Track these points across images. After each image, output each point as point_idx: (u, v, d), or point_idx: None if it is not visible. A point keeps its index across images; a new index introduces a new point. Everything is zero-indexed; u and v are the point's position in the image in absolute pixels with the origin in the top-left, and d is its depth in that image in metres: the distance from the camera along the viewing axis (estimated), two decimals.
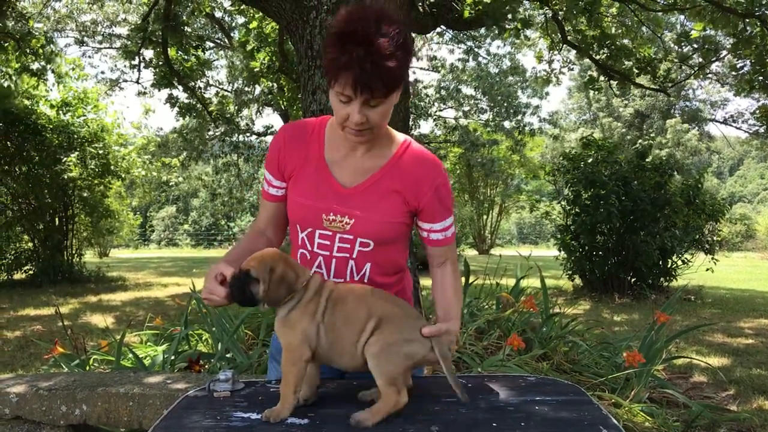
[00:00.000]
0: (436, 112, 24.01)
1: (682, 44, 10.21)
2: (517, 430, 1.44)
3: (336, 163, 1.81)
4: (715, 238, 11.51)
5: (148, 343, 4.72)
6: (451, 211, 1.90)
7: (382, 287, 1.77)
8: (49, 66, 11.60)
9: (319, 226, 1.79)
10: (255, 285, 1.58)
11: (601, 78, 10.55)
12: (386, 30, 1.56)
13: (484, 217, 30.44)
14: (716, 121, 41.52)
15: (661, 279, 10.68)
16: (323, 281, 1.66)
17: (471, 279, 5.25)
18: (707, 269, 10.78)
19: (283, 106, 14.50)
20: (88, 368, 3.91)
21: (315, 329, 1.58)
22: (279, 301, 1.58)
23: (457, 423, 1.49)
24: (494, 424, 1.48)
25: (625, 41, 10.17)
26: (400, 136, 1.86)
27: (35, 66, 11.37)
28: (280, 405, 1.54)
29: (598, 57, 9.89)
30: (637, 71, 10.00)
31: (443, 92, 23.64)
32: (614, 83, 10.65)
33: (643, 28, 10.15)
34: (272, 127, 21.42)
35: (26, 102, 12.70)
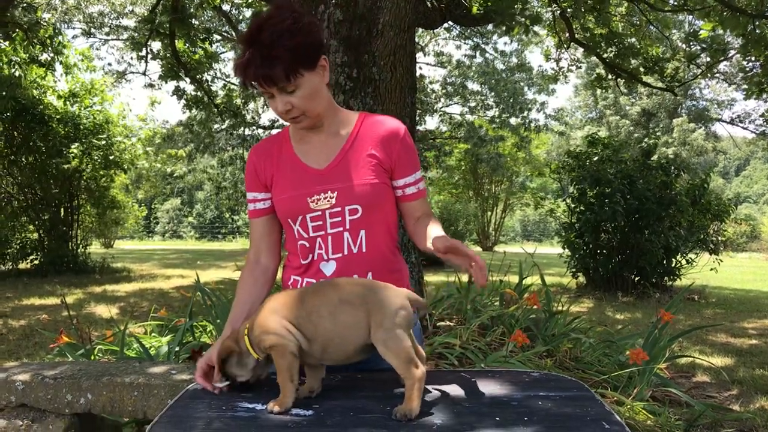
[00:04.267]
0: (441, 107, 23.97)
1: (691, 44, 10.16)
2: (521, 425, 1.44)
3: (305, 153, 1.92)
4: (719, 238, 11.47)
5: (153, 334, 4.75)
6: (419, 164, 2.00)
7: (383, 260, 1.86)
8: (57, 57, 11.62)
9: (307, 210, 1.87)
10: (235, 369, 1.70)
11: (609, 76, 10.53)
12: (271, 22, 1.70)
13: (488, 213, 30.41)
14: (723, 121, 41.37)
15: (665, 278, 10.67)
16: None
17: None
18: (711, 269, 10.76)
19: None
20: (93, 358, 3.94)
21: (281, 326, 1.59)
22: (248, 367, 1.69)
23: (459, 417, 1.49)
24: (497, 419, 1.48)
25: (633, 40, 10.15)
26: (354, 113, 1.99)
27: (44, 57, 11.39)
28: (281, 395, 1.55)
29: (605, 55, 9.86)
30: (644, 70, 9.97)
31: (449, 88, 23.59)
32: (621, 82, 10.63)
33: (651, 27, 10.11)
34: (278, 120, 21.41)
35: (34, 92, 12.73)
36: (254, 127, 21.03)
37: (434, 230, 1.83)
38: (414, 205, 1.97)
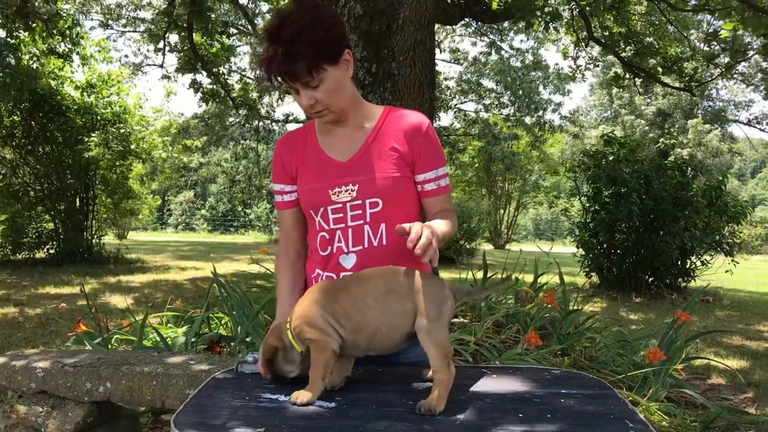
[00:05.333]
0: (456, 104, 23.91)
1: (711, 44, 10.07)
2: (544, 422, 1.44)
3: (329, 145, 1.93)
4: (735, 240, 11.38)
5: (169, 325, 4.78)
6: (443, 160, 1.97)
7: (403, 254, 1.80)
8: (75, 48, 11.69)
9: (328, 202, 1.87)
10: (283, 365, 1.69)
11: (626, 75, 10.45)
12: (292, 18, 1.70)
13: (501, 211, 30.32)
14: (740, 122, 40.99)
15: (679, 279, 10.60)
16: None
17: (489, 273, 5.26)
18: (726, 271, 10.68)
19: None
20: (109, 347, 3.97)
21: (324, 320, 1.59)
22: (295, 361, 1.68)
23: (482, 413, 1.49)
24: (520, 415, 1.48)
25: (651, 39, 10.07)
26: (380, 107, 1.99)
27: (62, 48, 11.46)
28: (308, 388, 1.55)
29: (623, 54, 9.79)
30: (662, 70, 9.90)
31: (464, 85, 23.53)
32: (638, 81, 10.55)
33: (670, 27, 10.03)
34: (292, 114, 21.45)
35: (51, 83, 12.81)
36: (268, 121, 21.06)
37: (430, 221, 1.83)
38: (432, 201, 1.96)
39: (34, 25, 9.80)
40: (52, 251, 13.39)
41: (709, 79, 12.80)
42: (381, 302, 1.58)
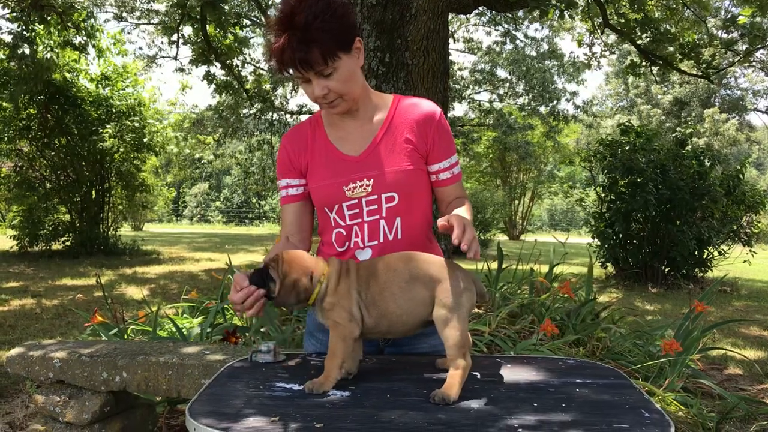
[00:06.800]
0: (470, 94, 23.79)
1: (729, 29, 9.93)
2: (559, 411, 1.43)
3: (339, 139, 1.90)
4: (753, 230, 11.26)
5: (184, 316, 4.81)
6: (455, 148, 1.97)
7: (419, 247, 1.81)
8: (90, 41, 11.75)
9: (343, 199, 1.85)
10: (272, 283, 1.61)
11: (643, 63, 10.34)
12: (305, 5, 1.66)
13: (516, 202, 30.21)
14: (758, 111, 40.52)
15: (696, 269, 10.52)
16: (347, 261, 1.68)
17: (504, 264, 5.24)
18: (744, 261, 10.58)
19: None
20: (125, 337, 4.00)
21: (357, 308, 1.59)
22: (287, 305, 1.62)
23: (496, 402, 1.49)
24: (534, 404, 1.47)
25: (668, 26, 9.94)
26: (389, 96, 1.96)
27: (77, 40, 11.53)
28: (323, 377, 1.55)
29: (640, 42, 9.68)
30: (680, 57, 9.77)
31: (478, 75, 23.40)
32: (655, 69, 10.44)
33: (687, 12, 9.90)
34: (306, 105, 21.44)
35: (67, 75, 12.89)
36: (282, 113, 21.08)
37: (455, 211, 1.81)
38: (447, 190, 1.95)
39: (48, 17, 9.85)
40: (68, 243, 13.51)
41: (727, 66, 12.62)
42: (405, 290, 1.59)
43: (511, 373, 1.73)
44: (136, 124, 13.59)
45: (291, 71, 1.73)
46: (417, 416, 1.39)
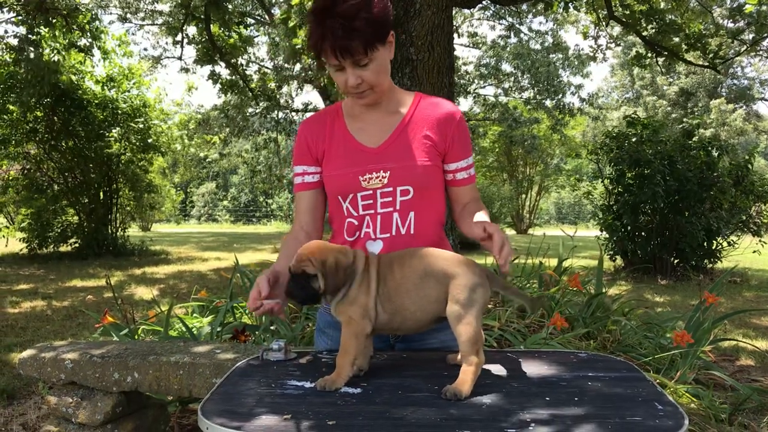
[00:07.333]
0: (475, 89, 23.74)
1: (736, 19, 9.86)
2: (571, 405, 1.42)
3: (359, 130, 1.90)
4: (762, 220, 11.20)
5: (194, 315, 4.82)
6: (471, 150, 1.98)
7: (430, 243, 1.80)
8: (95, 42, 11.78)
9: (358, 189, 1.85)
10: (314, 281, 1.60)
11: (648, 54, 10.28)
12: None
13: (523, 196, 30.16)
14: (765, 100, 40.27)
15: (706, 260, 10.47)
16: (367, 255, 1.68)
17: (513, 258, 5.22)
18: (754, 251, 10.53)
19: (323, 83, 14.50)
20: (136, 337, 4.01)
21: (373, 303, 1.59)
22: (340, 288, 1.60)
23: (508, 397, 1.48)
24: (547, 398, 1.47)
25: (673, 16, 9.88)
26: (411, 93, 1.97)
27: (82, 42, 11.56)
28: (335, 374, 1.55)
29: (645, 33, 9.63)
30: (686, 47, 9.71)
31: (483, 69, 23.34)
32: (661, 60, 10.38)
33: (693, 3, 9.84)
34: (311, 103, 21.46)
35: (72, 77, 12.92)
36: (288, 111, 21.10)
37: (479, 216, 1.81)
38: (463, 190, 1.96)
39: (53, 20, 9.88)
40: (77, 244, 13.56)
41: (733, 56, 12.54)
42: (419, 287, 1.59)
43: (523, 368, 1.73)
44: (141, 126, 13.62)
45: (324, 56, 1.73)
46: (429, 412, 1.39)
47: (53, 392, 2.80)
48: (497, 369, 1.71)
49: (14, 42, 10.29)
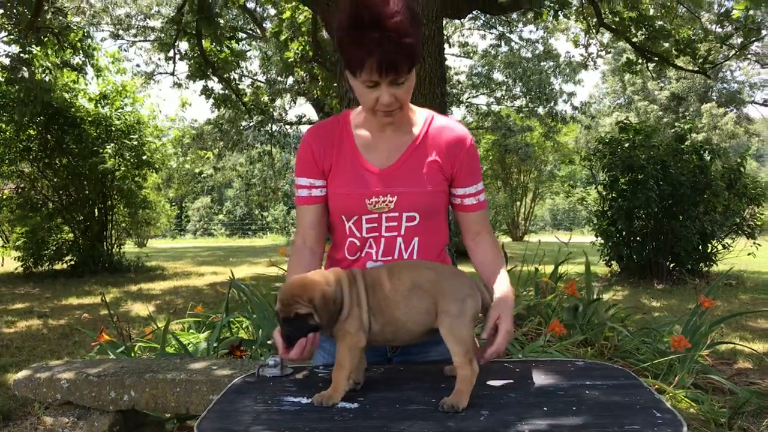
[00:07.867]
0: (468, 98, 23.84)
1: (723, 24, 9.93)
2: (569, 415, 1.42)
3: (368, 148, 1.84)
4: (756, 222, 11.24)
5: (191, 331, 4.80)
6: (481, 175, 1.94)
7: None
8: (88, 60, 11.79)
9: (363, 212, 1.81)
10: (310, 318, 1.57)
11: (639, 60, 10.35)
12: (393, 7, 1.59)
13: (518, 203, 30.21)
14: (756, 103, 40.52)
15: (701, 264, 10.50)
16: (349, 271, 1.66)
17: (509, 267, 5.23)
18: (749, 254, 10.56)
19: (316, 95, 14.53)
20: (132, 355, 3.99)
21: (366, 315, 1.59)
22: (335, 318, 1.58)
23: (506, 408, 1.48)
24: (545, 408, 1.46)
25: (662, 23, 9.95)
26: (423, 111, 1.91)
27: (75, 60, 11.56)
28: (331, 389, 1.54)
29: (635, 40, 9.69)
30: (675, 53, 9.78)
31: (475, 79, 23.45)
32: (651, 66, 10.44)
33: (681, 9, 9.91)
34: (305, 116, 21.51)
35: (66, 95, 12.92)
36: (281, 124, 21.14)
37: (499, 284, 1.79)
38: (472, 217, 1.92)
39: (45, 39, 9.89)
40: (72, 262, 13.51)
41: (723, 60, 12.62)
42: (408, 298, 1.59)
43: (521, 378, 1.72)
44: (135, 142, 13.61)
45: (360, 70, 1.64)
46: (427, 425, 1.38)
47: (49, 413, 2.78)
48: (495, 379, 1.71)
49: (6, 62, 10.29)
